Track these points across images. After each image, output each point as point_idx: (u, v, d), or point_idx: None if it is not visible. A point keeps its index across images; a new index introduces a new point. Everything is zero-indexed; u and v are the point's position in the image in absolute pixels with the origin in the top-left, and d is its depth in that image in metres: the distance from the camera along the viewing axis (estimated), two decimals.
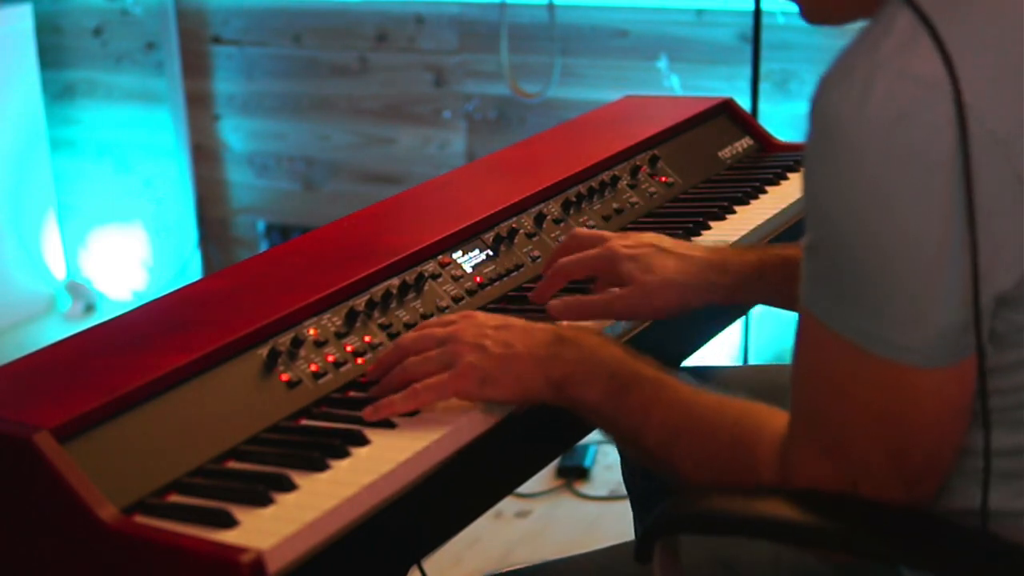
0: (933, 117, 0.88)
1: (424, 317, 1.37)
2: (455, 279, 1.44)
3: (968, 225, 0.89)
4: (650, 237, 1.41)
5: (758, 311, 2.83)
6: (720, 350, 3.04)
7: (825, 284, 0.96)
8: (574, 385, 1.15)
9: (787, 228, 1.73)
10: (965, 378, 0.94)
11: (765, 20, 2.86)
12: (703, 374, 1.55)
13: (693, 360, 1.68)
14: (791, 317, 1.04)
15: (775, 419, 1.04)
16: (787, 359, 1.03)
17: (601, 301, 1.37)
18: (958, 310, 0.91)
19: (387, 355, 1.23)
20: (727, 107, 2.04)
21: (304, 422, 1.20)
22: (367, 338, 1.31)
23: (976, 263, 0.89)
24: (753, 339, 3.05)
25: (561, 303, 1.36)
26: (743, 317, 2.84)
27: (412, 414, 1.18)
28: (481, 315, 1.24)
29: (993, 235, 0.89)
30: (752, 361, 3.05)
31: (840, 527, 0.97)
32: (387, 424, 1.17)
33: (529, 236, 1.57)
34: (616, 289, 1.38)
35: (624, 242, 1.39)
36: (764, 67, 2.87)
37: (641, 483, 1.61)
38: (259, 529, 1.00)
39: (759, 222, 1.71)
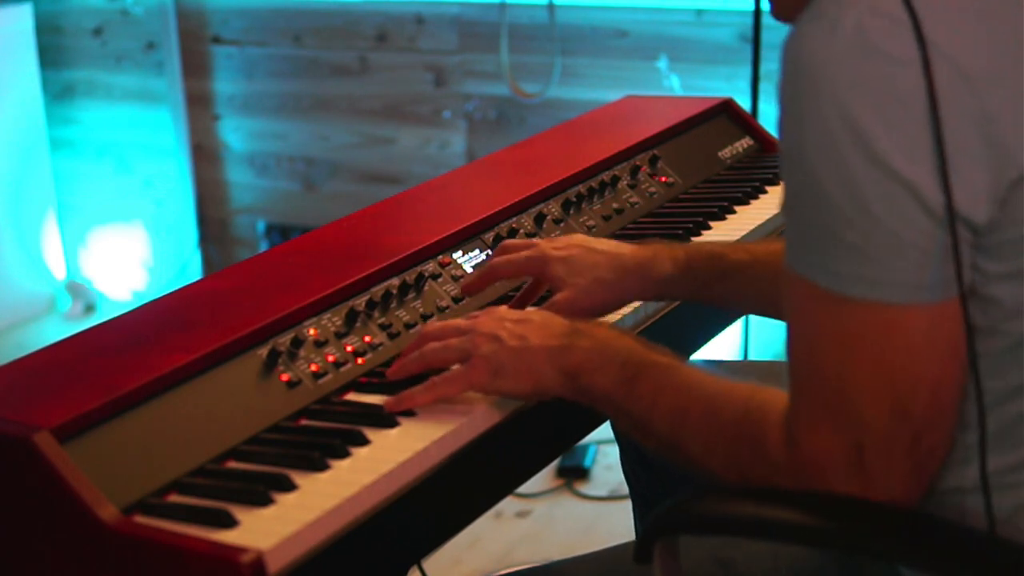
0: (900, 51, 0.91)
1: (424, 317, 1.37)
2: (455, 279, 1.44)
3: (938, 159, 0.91)
4: (579, 238, 1.43)
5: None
6: (720, 350, 3.04)
7: (807, 236, 0.97)
8: (586, 374, 1.16)
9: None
10: (958, 315, 0.95)
11: (765, 20, 2.86)
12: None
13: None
14: None
15: (784, 397, 1.03)
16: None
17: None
18: (940, 242, 0.93)
19: (411, 344, 1.27)
20: (727, 107, 2.04)
21: (304, 422, 1.20)
22: (367, 338, 1.31)
23: (950, 197, 0.91)
24: (753, 339, 3.05)
25: None
26: (743, 317, 2.84)
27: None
28: (503, 309, 1.26)
29: (963, 170, 0.91)
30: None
31: (840, 527, 0.97)
32: (387, 424, 1.17)
33: (529, 236, 1.57)
34: (553, 297, 1.38)
35: (553, 244, 1.40)
36: (764, 67, 2.87)
37: (643, 480, 1.62)
38: (259, 529, 1.00)
39: (759, 222, 1.71)
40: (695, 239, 1.62)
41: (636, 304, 1.44)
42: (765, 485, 1.01)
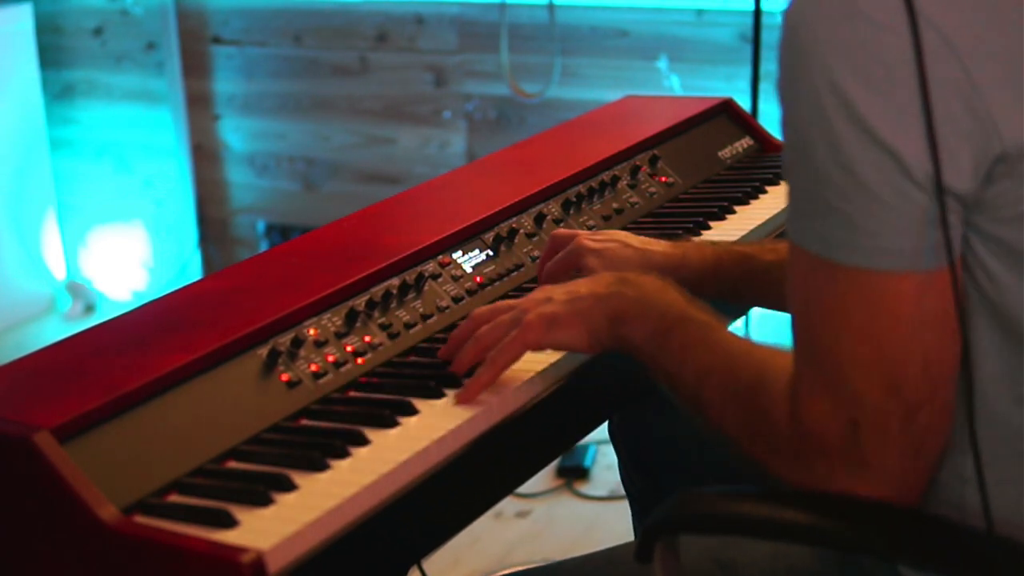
0: (885, 16, 0.90)
1: (424, 317, 1.37)
2: (455, 279, 1.44)
3: (925, 127, 0.90)
4: (619, 234, 1.46)
5: (757, 312, 2.84)
6: None
7: (803, 205, 0.98)
8: (626, 322, 1.18)
9: None
10: (948, 286, 0.94)
11: (765, 20, 2.86)
12: None
13: None
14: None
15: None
16: None
17: None
18: (927, 209, 0.92)
19: (461, 329, 1.27)
20: (727, 107, 2.04)
21: (304, 422, 1.20)
22: (367, 338, 1.31)
23: (937, 162, 0.91)
24: (753, 339, 3.05)
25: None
26: (743, 317, 2.84)
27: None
28: (550, 286, 1.28)
29: (947, 140, 0.91)
30: None
31: (841, 526, 0.97)
32: (387, 423, 1.17)
33: (529, 236, 1.57)
34: None
35: (592, 236, 1.45)
36: (764, 67, 2.87)
37: (639, 483, 1.61)
38: (259, 529, 1.00)
39: (759, 222, 1.71)
40: (695, 239, 1.62)
41: None
42: (766, 457, 1.01)
